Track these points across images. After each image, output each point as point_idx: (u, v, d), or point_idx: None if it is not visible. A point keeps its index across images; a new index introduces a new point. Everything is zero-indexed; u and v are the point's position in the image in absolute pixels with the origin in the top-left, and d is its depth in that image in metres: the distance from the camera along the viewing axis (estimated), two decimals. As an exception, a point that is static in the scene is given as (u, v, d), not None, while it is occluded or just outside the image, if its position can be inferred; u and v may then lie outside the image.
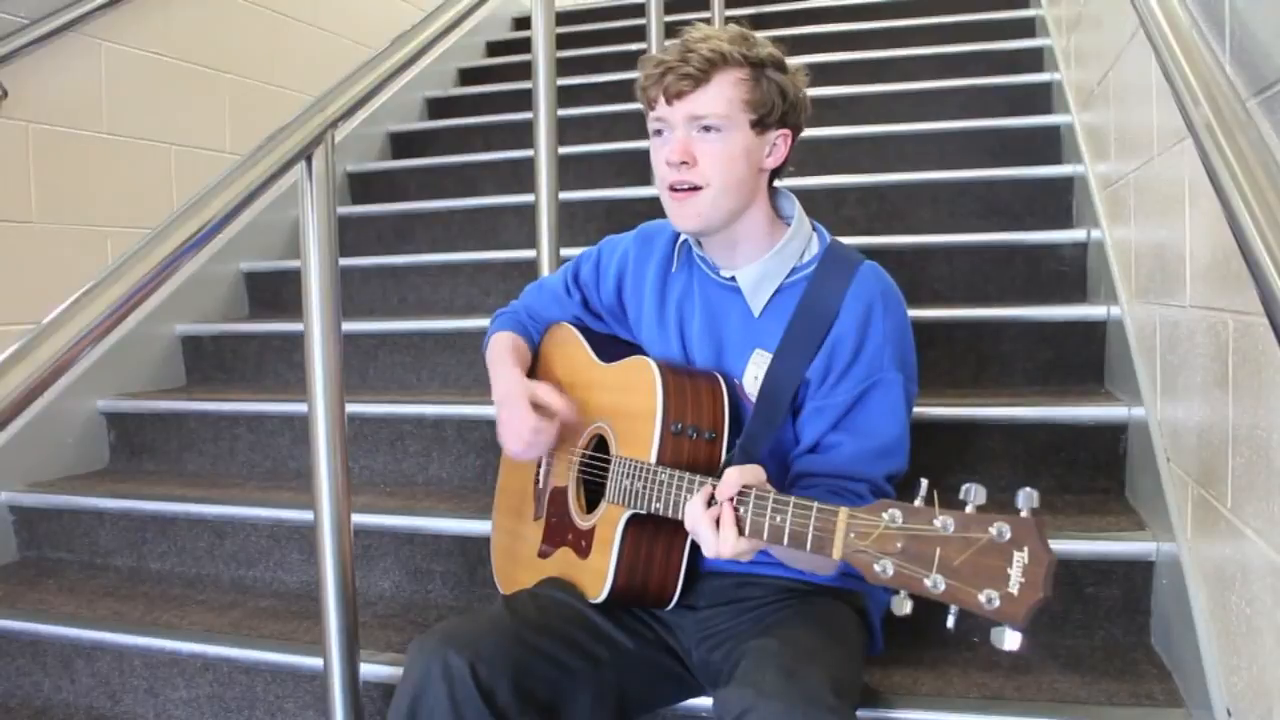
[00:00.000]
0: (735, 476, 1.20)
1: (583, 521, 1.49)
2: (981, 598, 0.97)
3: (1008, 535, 0.96)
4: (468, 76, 4.47)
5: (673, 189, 1.39)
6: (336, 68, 1.76)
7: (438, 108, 4.20)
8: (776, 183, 1.50)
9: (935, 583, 0.99)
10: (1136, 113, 1.92)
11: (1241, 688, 1.27)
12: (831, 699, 1.15)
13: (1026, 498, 0.97)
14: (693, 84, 1.35)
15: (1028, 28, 3.63)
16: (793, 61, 1.44)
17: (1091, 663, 1.60)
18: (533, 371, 1.67)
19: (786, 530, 1.14)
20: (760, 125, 1.38)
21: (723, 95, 1.35)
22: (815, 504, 1.12)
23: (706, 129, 1.36)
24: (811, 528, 1.11)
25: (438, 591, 2.05)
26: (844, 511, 1.08)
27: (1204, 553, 1.46)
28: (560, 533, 1.53)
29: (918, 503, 1.03)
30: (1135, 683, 1.53)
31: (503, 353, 1.63)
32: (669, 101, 1.37)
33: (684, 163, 1.37)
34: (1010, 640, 0.96)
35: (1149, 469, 1.75)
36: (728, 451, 1.40)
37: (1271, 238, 0.92)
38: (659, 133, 1.41)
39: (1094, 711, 1.45)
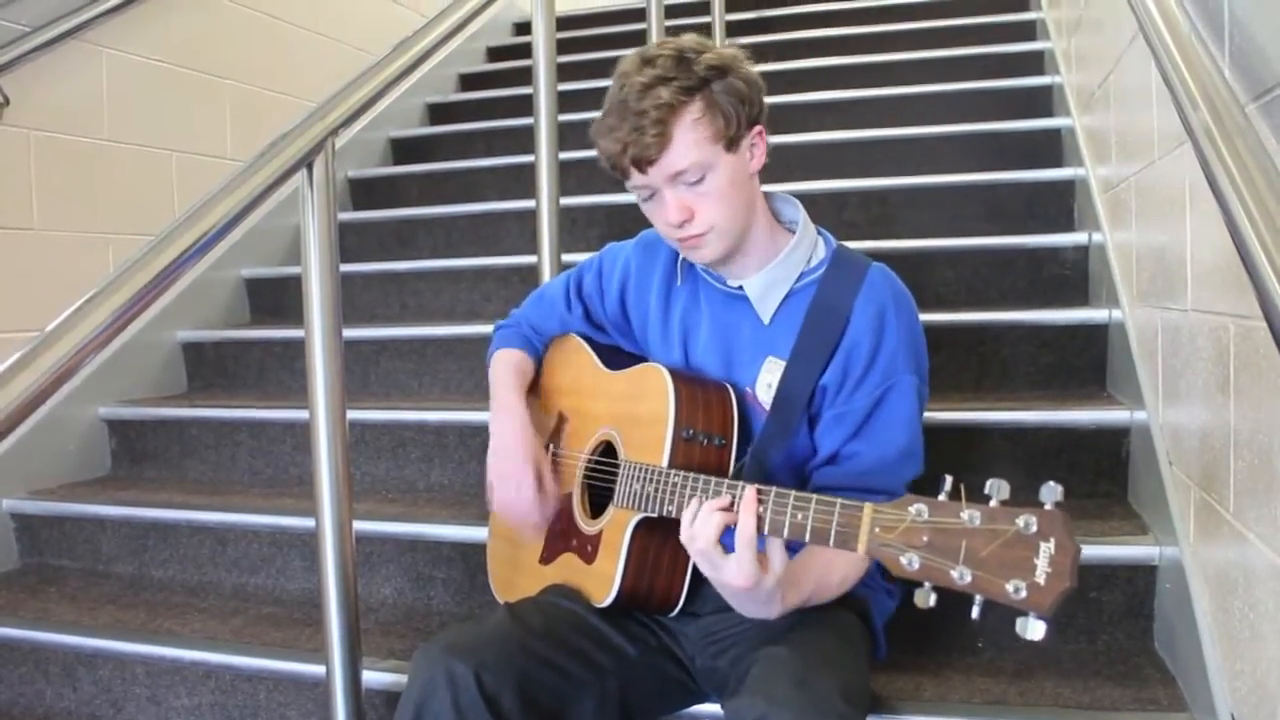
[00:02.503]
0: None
1: (588, 527, 1.49)
2: (1009, 588, 0.98)
3: (1035, 527, 0.98)
4: (469, 82, 4.47)
5: (681, 240, 1.39)
6: (337, 74, 1.76)
7: (439, 113, 4.20)
8: (773, 189, 1.49)
9: (962, 574, 1.01)
10: (1137, 116, 1.92)
11: (1245, 692, 1.27)
12: (842, 706, 1.15)
13: (1051, 491, 0.98)
14: (657, 148, 1.31)
15: (1029, 31, 3.64)
16: (726, 51, 1.38)
17: (1095, 667, 1.60)
18: (536, 382, 1.67)
19: (809, 527, 1.14)
20: (733, 143, 1.35)
21: (689, 142, 1.32)
22: (839, 500, 1.12)
23: (691, 180, 1.33)
24: (835, 523, 1.11)
25: (440, 598, 2.05)
26: (869, 507, 1.09)
27: (1206, 557, 1.45)
28: (564, 539, 1.53)
29: (942, 498, 1.04)
30: (1139, 687, 1.52)
31: (508, 376, 1.62)
32: (642, 170, 1.34)
33: (685, 220, 1.35)
34: (1035, 630, 0.97)
35: (1151, 473, 1.74)
36: (738, 459, 1.40)
37: (1270, 242, 0.92)
38: (646, 199, 1.39)
39: (1097, 716, 1.45)
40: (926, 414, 1.43)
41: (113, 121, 2.74)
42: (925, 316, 1.49)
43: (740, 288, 1.46)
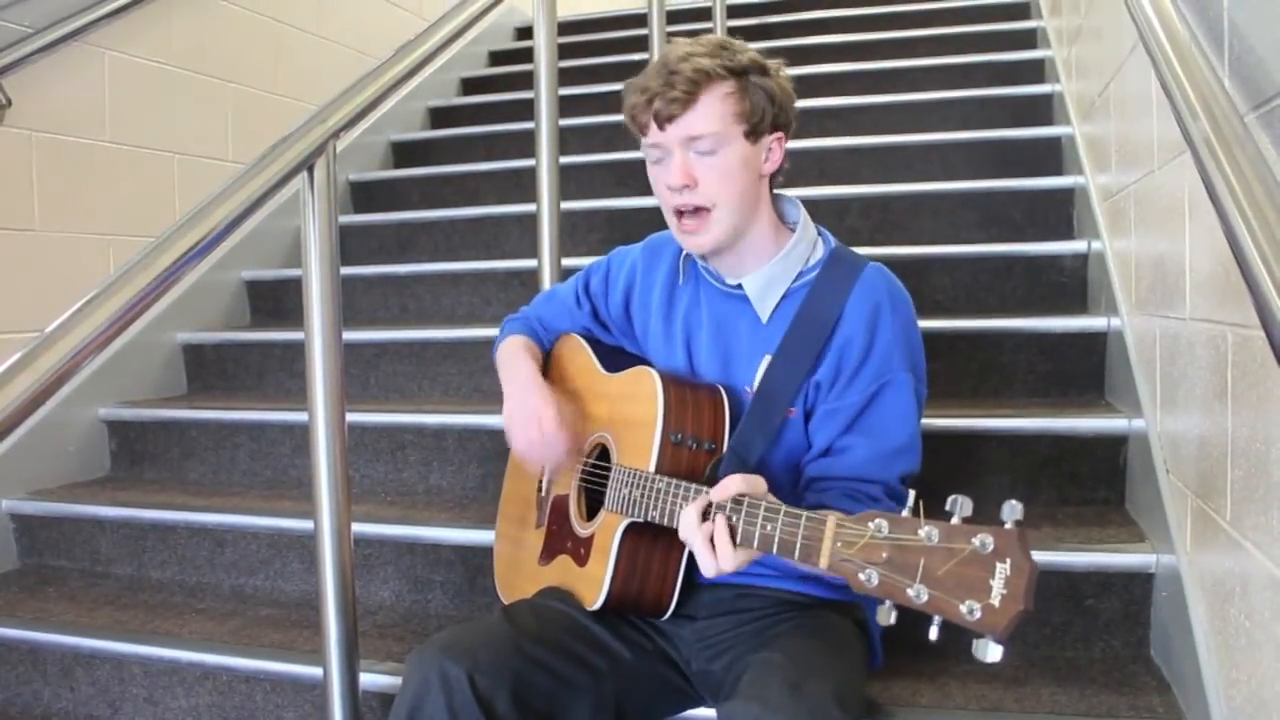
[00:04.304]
0: (735, 485, 1.20)
1: (582, 529, 1.49)
2: (963, 609, 0.97)
3: (991, 547, 0.97)
4: (470, 86, 4.48)
5: (679, 212, 1.39)
6: (339, 77, 1.76)
7: (440, 117, 4.21)
8: (777, 190, 1.50)
9: (918, 593, 1.00)
10: (1137, 125, 1.93)
11: (1240, 701, 1.27)
12: (836, 711, 1.15)
13: (1011, 510, 0.97)
14: (681, 106, 1.34)
15: (1029, 39, 3.65)
16: (773, 60, 1.43)
17: (1091, 675, 1.60)
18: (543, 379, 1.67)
19: (776, 539, 1.14)
20: (753, 134, 1.38)
21: (713, 112, 1.35)
22: (804, 513, 1.13)
23: (703, 150, 1.36)
24: (800, 537, 1.12)
25: (438, 601, 2.05)
26: (832, 521, 1.09)
27: (1203, 565, 1.45)
28: (560, 541, 1.54)
29: (905, 513, 1.04)
30: (1135, 695, 1.52)
31: (517, 351, 1.63)
32: (661, 126, 1.37)
33: (686, 186, 1.37)
34: (991, 653, 0.96)
35: (1149, 481, 1.75)
36: None
37: (1269, 252, 0.92)
38: (656, 161, 1.41)
39: (1093, 724, 1.45)
40: (925, 421, 1.43)
41: (114, 123, 2.74)
42: (924, 323, 1.49)
43: (739, 286, 1.46)
